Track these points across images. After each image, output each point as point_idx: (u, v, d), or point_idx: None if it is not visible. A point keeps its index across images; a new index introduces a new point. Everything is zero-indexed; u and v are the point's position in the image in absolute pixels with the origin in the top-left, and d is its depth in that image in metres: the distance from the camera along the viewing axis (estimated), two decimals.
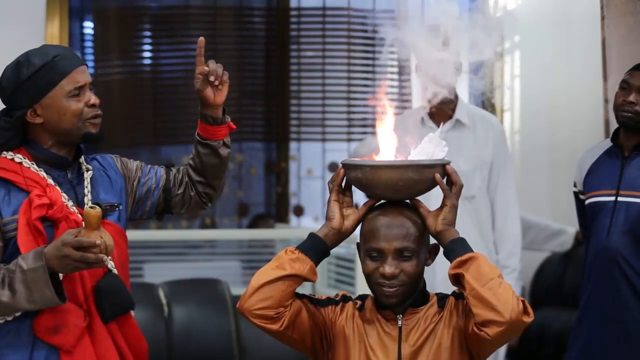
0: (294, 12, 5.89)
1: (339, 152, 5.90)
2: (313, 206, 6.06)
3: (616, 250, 3.13)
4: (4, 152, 2.36)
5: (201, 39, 2.48)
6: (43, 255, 2.19)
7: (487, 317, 2.03)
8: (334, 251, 2.28)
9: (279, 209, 6.05)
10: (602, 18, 3.86)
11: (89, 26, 5.75)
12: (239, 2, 5.86)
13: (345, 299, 2.26)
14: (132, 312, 2.47)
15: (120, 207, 2.45)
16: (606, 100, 4.03)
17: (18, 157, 2.34)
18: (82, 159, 2.44)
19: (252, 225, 5.85)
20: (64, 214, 2.31)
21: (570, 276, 4.91)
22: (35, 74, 2.32)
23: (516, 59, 5.56)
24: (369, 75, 5.93)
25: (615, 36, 3.87)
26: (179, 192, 2.56)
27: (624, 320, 3.14)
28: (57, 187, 2.34)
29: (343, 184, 2.21)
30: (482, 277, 2.05)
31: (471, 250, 2.10)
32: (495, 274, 2.06)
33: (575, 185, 3.38)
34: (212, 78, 2.46)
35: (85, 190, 2.39)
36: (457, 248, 2.11)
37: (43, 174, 2.34)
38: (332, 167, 5.95)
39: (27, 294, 2.21)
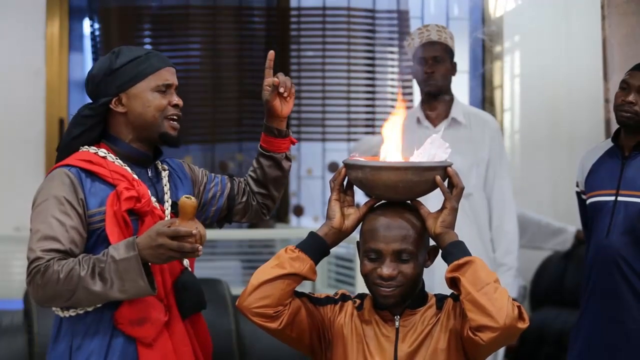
0: (294, 12, 5.88)
1: (339, 152, 5.90)
2: (313, 206, 6.05)
3: (615, 250, 3.14)
4: (86, 147, 2.40)
5: (271, 52, 2.56)
6: (135, 246, 2.22)
7: (481, 322, 2.03)
8: (334, 250, 2.29)
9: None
10: (603, 18, 3.86)
11: (89, 26, 5.75)
12: (239, 2, 5.85)
13: (344, 297, 2.26)
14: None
15: None
16: (607, 100, 4.04)
17: (102, 152, 2.39)
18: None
19: (252, 225, 5.85)
20: (150, 209, 2.35)
21: (571, 276, 4.91)
22: (128, 64, 2.39)
23: (516, 59, 5.56)
24: (369, 75, 5.93)
25: (617, 36, 3.87)
26: (242, 200, 2.63)
27: (623, 320, 3.15)
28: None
29: (344, 184, 2.22)
30: (478, 281, 2.04)
31: (469, 254, 2.10)
32: (491, 279, 2.05)
33: (577, 185, 3.39)
34: (282, 89, 2.51)
35: (165, 188, 2.45)
36: (455, 251, 2.11)
37: (127, 168, 2.38)
38: (332, 167, 5.95)
39: (119, 284, 2.23)
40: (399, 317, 2.18)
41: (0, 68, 4.96)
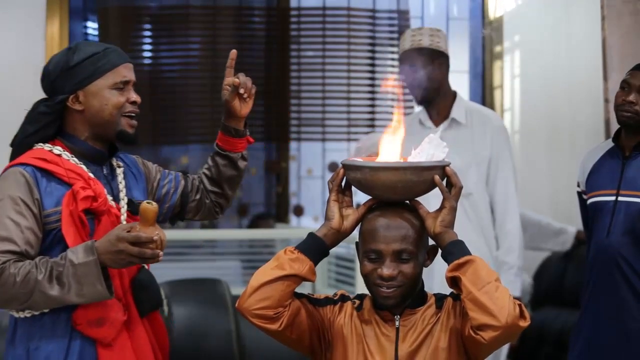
0: (294, 12, 5.88)
1: (339, 152, 5.90)
2: (313, 206, 6.05)
3: (616, 249, 3.14)
4: (41, 144, 2.38)
5: (233, 51, 2.53)
6: (95, 250, 2.21)
7: (483, 321, 2.02)
8: (334, 251, 2.29)
9: (279, 209, 6.05)
10: (603, 18, 3.86)
11: (89, 26, 5.75)
12: (239, 1, 5.86)
13: (343, 298, 2.26)
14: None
15: None
16: (606, 100, 4.03)
17: (57, 149, 2.36)
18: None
19: (252, 225, 5.85)
20: (106, 208, 2.33)
21: (571, 276, 4.91)
22: (85, 60, 2.35)
23: (516, 59, 5.56)
24: (369, 75, 5.93)
25: (615, 36, 3.87)
26: (196, 198, 2.61)
27: (624, 320, 3.15)
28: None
29: (343, 184, 2.22)
30: (479, 280, 2.04)
31: (469, 253, 2.10)
32: (492, 278, 2.05)
33: (578, 185, 3.39)
34: (242, 90, 2.49)
35: (120, 186, 2.42)
36: (455, 250, 2.10)
37: (83, 167, 2.36)
38: (332, 167, 5.95)
39: (77, 288, 2.22)
40: (399, 316, 2.18)
41: (0, 68, 4.96)
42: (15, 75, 4.96)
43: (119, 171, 2.46)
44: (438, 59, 3.69)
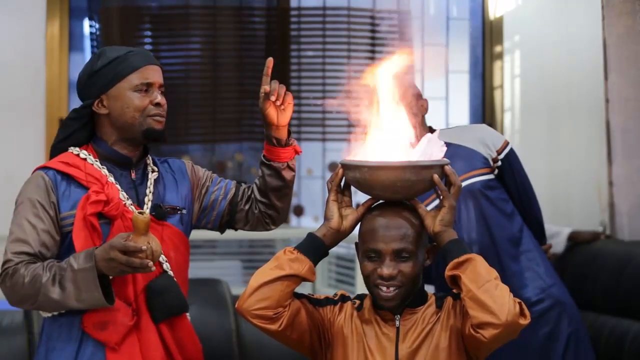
0: (294, 12, 5.88)
1: (339, 152, 5.89)
2: (313, 206, 6.06)
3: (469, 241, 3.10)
4: (71, 148, 2.41)
5: (270, 59, 2.50)
6: (94, 257, 2.23)
7: (483, 319, 2.03)
8: (334, 251, 2.29)
9: None
10: (603, 18, 3.87)
11: (89, 26, 5.75)
12: (239, 1, 5.86)
13: (343, 298, 2.27)
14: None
15: (184, 211, 2.48)
16: (607, 100, 4.03)
17: (84, 153, 2.40)
18: (149, 160, 2.48)
19: None
20: (119, 212, 2.34)
21: (569, 276, 4.91)
22: (108, 65, 2.38)
23: (516, 59, 5.56)
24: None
25: (615, 36, 3.87)
26: (245, 207, 2.58)
27: None
28: (117, 185, 2.38)
29: (342, 184, 2.22)
30: (479, 279, 2.05)
31: (468, 252, 2.10)
32: (491, 276, 2.06)
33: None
34: (273, 98, 2.46)
35: (147, 191, 2.42)
36: (454, 249, 2.11)
37: (105, 171, 2.38)
38: (332, 167, 5.95)
39: (76, 293, 2.25)
40: (399, 316, 2.19)
41: (0, 68, 4.96)
42: (15, 74, 4.96)
43: (152, 176, 2.46)
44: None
